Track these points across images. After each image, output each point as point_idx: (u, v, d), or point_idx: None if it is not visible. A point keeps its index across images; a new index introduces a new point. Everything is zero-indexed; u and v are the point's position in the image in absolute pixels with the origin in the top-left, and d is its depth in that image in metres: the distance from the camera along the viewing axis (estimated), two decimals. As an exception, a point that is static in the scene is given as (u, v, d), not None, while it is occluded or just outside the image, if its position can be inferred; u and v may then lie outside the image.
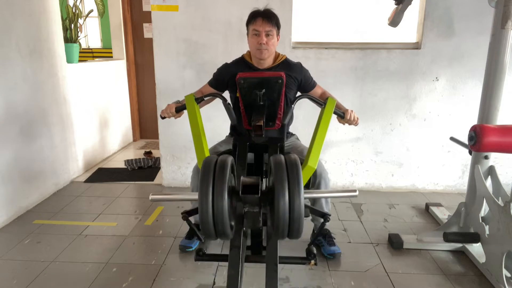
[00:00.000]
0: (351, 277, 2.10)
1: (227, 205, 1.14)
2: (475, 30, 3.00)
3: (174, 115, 2.00)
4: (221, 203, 1.13)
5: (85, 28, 5.58)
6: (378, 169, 3.36)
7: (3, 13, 2.65)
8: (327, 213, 1.54)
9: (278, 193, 1.12)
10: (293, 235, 1.18)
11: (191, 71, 3.18)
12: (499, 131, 1.85)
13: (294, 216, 1.12)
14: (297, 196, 1.12)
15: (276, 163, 1.19)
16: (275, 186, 1.13)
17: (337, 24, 3.86)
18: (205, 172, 1.17)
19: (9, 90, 2.72)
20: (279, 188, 1.12)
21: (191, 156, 3.36)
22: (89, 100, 3.91)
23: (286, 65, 2.20)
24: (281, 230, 1.14)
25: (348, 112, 1.93)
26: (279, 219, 1.12)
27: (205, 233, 1.17)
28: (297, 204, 1.12)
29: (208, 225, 1.14)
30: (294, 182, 1.13)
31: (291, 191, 1.12)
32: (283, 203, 1.11)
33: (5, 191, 2.69)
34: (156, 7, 3.07)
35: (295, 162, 1.19)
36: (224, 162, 1.21)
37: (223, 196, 1.13)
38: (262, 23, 2.03)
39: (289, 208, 1.12)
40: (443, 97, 3.17)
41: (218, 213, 1.13)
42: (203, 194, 1.13)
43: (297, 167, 1.17)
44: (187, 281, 2.05)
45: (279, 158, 1.22)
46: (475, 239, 2.17)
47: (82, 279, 2.06)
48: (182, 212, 1.58)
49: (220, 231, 1.16)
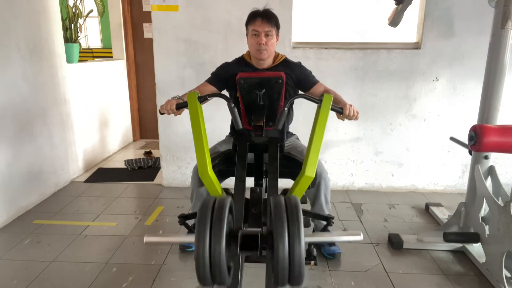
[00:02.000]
0: (351, 277, 2.10)
1: (224, 252, 1.10)
2: (475, 30, 3.00)
3: (174, 112, 1.90)
4: (219, 249, 1.08)
5: (85, 28, 5.57)
6: (378, 169, 3.36)
7: (3, 13, 2.65)
8: (330, 216, 1.52)
9: (277, 239, 1.07)
10: (294, 282, 1.12)
11: (191, 71, 3.18)
12: (499, 131, 1.85)
13: (295, 263, 1.07)
14: (297, 242, 1.07)
15: (275, 206, 1.15)
16: (274, 232, 1.09)
17: (337, 24, 3.85)
18: (202, 215, 1.13)
19: (9, 90, 2.72)
20: (278, 235, 1.07)
21: (191, 156, 3.36)
22: (89, 100, 3.91)
23: (286, 64, 2.19)
24: (281, 277, 1.10)
25: (346, 107, 1.81)
26: (278, 266, 1.08)
27: (201, 279, 1.12)
28: (297, 250, 1.07)
29: (205, 271, 1.09)
30: (294, 227, 1.08)
31: (291, 237, 1.07)
32: (283, 250, 1.06)
33: (5, 191, 2.69)
34: (156, 7, 3.07)
35: (295, 205, 1.14)
36: (222, 205, 1.16)
37: (221, 242, 1.08)
38: (262, 23, 2.02)
39: (289, 254, 1.07)
40: (443, 97, 3.17)
41: (215, 260, 1.08)
42: (200, 240, 1.09)
43: (297, 209, 1.13)
44: (187, 281, 2.05)
45: (278, 200, 1.17)
46: (475, 239, 2.17)
47: (82, 279, 2.06)
48: (179, 216, 1.57)
49: (217, 277, 1.12)
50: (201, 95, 1.81)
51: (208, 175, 1.55)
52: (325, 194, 2.19)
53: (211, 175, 1.56)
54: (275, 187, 1.64)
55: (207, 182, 1.57)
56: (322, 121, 1.66)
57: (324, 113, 1.68)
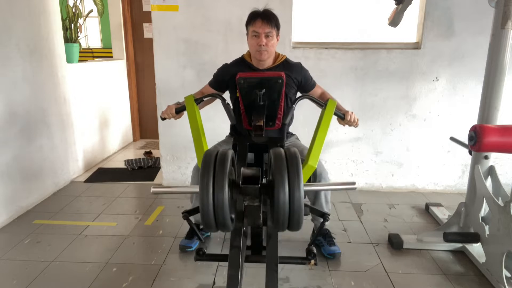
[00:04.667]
0: (351, 277, 2.10)
1: (227, 196, 1.15)
2: (475, 30, 3.00)
3: (174, 116, 2.02)
4: (222, 194, 1.14)
5: (85, 28, 5.58)
6: (378, 169, 3.36)
7: (3, 13, 2.65)
8: (326, 213, 1.55)
9: (278, 185, 1.13)
10: (293, 227, 1.19)
11: (191, 71, 3.18)
12: (499, 131, 1.85)
13: (294, 207, 1.13)
14: (297, 187, 1.13)
15: (276, 156, 1.20)
16: (275, 178, 1.14)
17: (337, 24, 3.85)
18: (206, 164, 1.18)
19: (9, 90, 2.72)
20: (278, 180, 1.13)
21: (191, 156, 3.36)
22: (89, 100, 3.91)
23: (286, 65, 2.20)
24: (281, 221, 1.15)
25: (348, 114, 1.94)
26: (279, 210, 1.13)
27: (206, 225, 1.18)
28: (297, 195, 1.13)
29: (209, 216, 1.15)
30: (294, 174, 1.14)
31: (291, 183, 1.13)
32: (283, 195, 1.12)
33: (5, 191, 2.69)
34: (156, 7, 3.07)
35: (295, 155, 1.20)
36: (224, 155, 1.22)
37: (224, 188, 1.14)
38: (262, 24, 2.02)
39: (289, 199, 1.13)
40: (443, 97, 3.17)
41: (218, 204, 1.14)
42: (204, 186, 1.14)
43: (297, 159, 1.18)
44: (187, 281, 2.05)
45: (278, 151, 1.23)
46: (475, 239, 2.17)
47: (82, 279, 2.06)
48: (183, 212, 1.58)
49: (220, 222, 1.18)
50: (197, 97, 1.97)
51: None
52: (325, 194, 2.20)
53: None
54: None
55: None
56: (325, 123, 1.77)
57: (328, 117, 1.79)
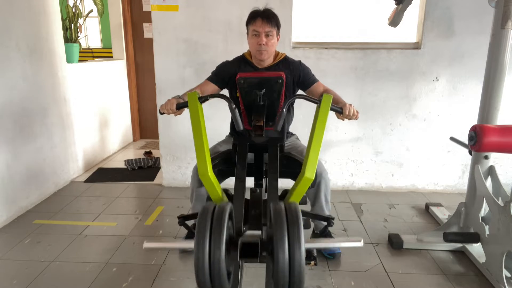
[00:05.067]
0: (351, 277, 2.10)
1: (224, 258, 1.10)
2: (475, 30, 3.00)
3: (174, 112, 1.87)
4: (218, 255, 1.08)
5: (85, 28, 5.58)
6: (378, 169, 3.36)
7: (3, 13, 2.65)
8: (330, 217, 1.52)
9: (278, 246, 1.07)
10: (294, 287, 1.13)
11: (191, 71, 3.18)
12: (499, 131, 1.85)
13: (295, 269, 1.08)
14: (298, 249, 1.07)
15: (275, 213, 1.15)
16: (275, 238, 1.09)
17: (337, 24, 3.86)
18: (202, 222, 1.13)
19: (9, 90, 2.72)
20: (278, 242, 1.08)
21: (191, 156, 3.36)
22: (89, 100, 3.90)
23: (286, 63, 2.19)
24: (281, 283, 1.10)
25: (346, 107, 1.78)
26: (278, 273, 1.08)
27: (200, 285, 1.12)
28: (297, 257, 1.07)
29: (204, 276, 1.10)
30: (295, 234, 1.09)
31: (291, 244, 1.08)
32: (283, 257, 1.07)
33: (5, 191, 2.69)
34: (156, 7, 3.07)
35: (295, 212, 1.15)
36: (222, 212, 1.16)
37: (221, 249, 1.09)
38: (262, 23, 2.02)
39: (289, 261, 1.08)
40: (443, 97, 3.17)
41: (215, 266, 1.09)
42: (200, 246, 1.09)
43: (297, 217, 1.13)
44: (187, 281, 2.05)
45: (278, 208, 1.17)
46: (475, 239, 2.17)
47: (82, 279, 2.06)
48: (178, 217, 1.57)
49: (217, 283, 1.12)
50: (201, 95, 1.78)
51: (208, 177, 1.55)
52: (325, 194, 2.19)
53: (211, 177, 1.56)
54: (275, 187, 1.64)
55: (206, 183, 1.57)
56: (321, 122, 1.64)
57: (324, 113, 1.65)
